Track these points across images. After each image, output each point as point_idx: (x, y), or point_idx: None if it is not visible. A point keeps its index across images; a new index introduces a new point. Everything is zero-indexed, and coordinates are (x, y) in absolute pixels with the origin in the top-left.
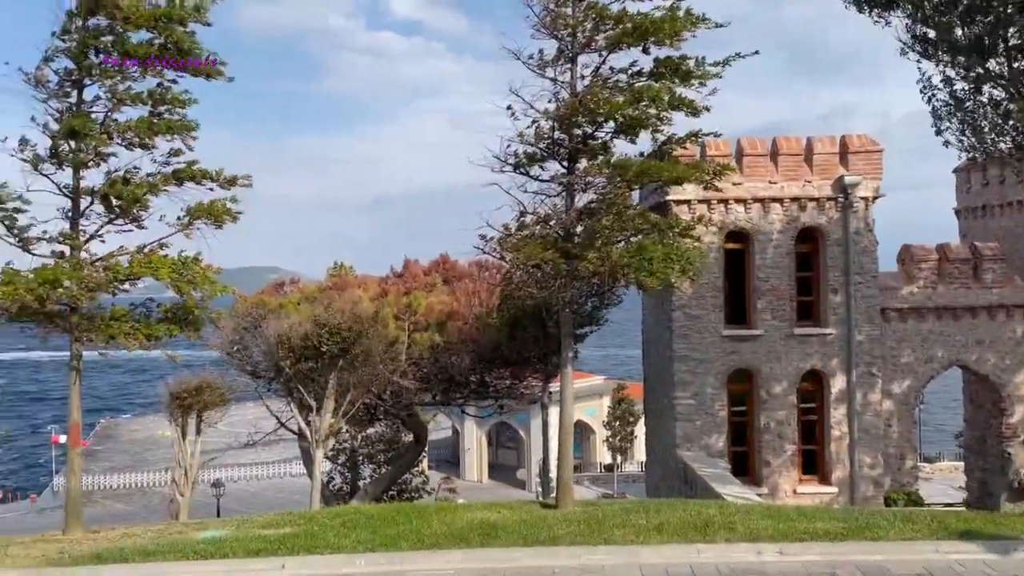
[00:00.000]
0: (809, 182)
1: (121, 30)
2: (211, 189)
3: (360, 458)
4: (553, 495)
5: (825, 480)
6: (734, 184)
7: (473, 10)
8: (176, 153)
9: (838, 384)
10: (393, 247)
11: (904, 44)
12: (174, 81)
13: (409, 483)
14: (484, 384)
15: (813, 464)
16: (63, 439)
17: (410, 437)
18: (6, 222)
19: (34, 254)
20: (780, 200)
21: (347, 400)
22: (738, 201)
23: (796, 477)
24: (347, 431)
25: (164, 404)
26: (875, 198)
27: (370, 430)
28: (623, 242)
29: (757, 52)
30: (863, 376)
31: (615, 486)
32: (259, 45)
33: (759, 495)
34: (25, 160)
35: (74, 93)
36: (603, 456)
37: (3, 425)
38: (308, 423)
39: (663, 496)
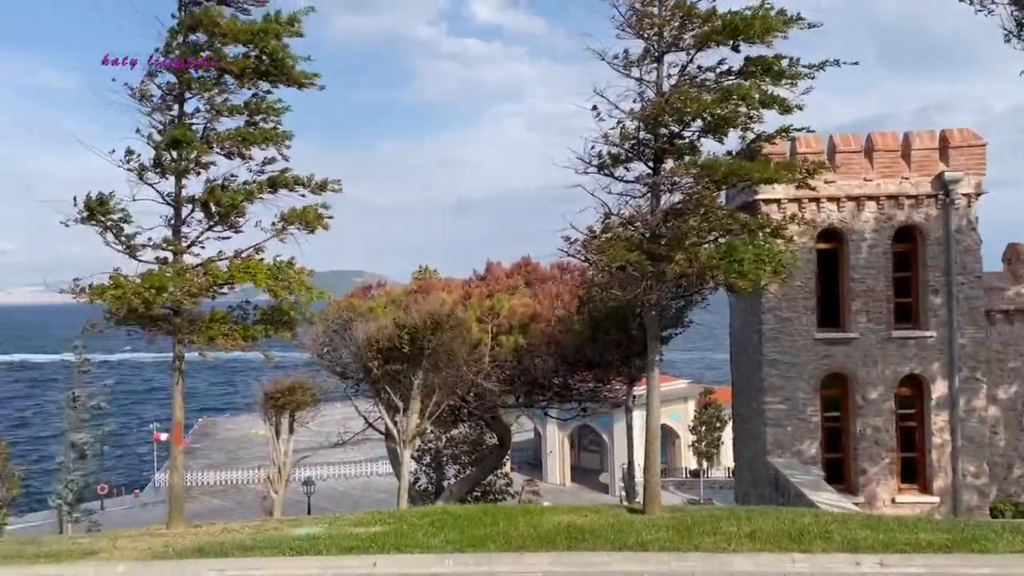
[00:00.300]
0: (906, 179)
1: (219, 45)
2: (303, 195)
3: (445, 459)
4: (638, 499)
5: (926, 489)
6: (826, 182)
7: (551, 12)
8: (270, 161)
9: (939, 389)
10: (475, 250)
11: (1009, 32)
12: (268, 91)
13: (493, 484)
14: (567, 387)
15: (912, 473)
16: (164, 436)
17: (494, 439)
18: (114, 230)
19: (140, 260)
20: (875, 198)
21: (432, 401)
22: (830, 199)
23: (895, 486)
24: (432, 432)
25: (259, 404)
26: (978, 195)
27: (454, 431)
28: (711, 243)
29: (856, 63)
30: (966, 381)
31: (701, 492)
32: (347, 54)
33: (855, 504)
34: (131, 170)
35: (175, 106)
36: (688, 461)
37: (109, 423)
38: (395, 424)
39: (753, 503)
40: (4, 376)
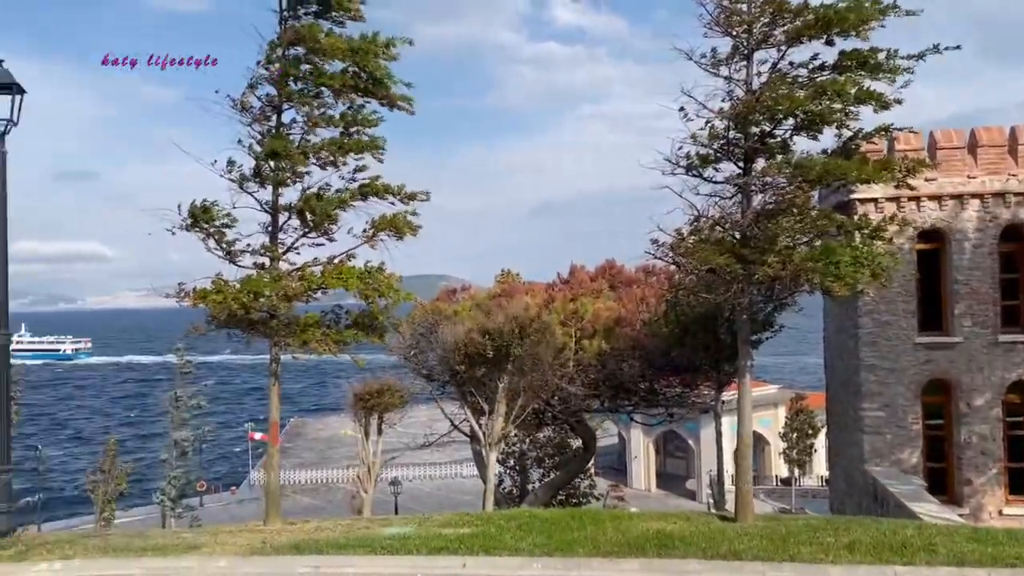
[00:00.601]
0: (1014, 175)
1: (318, 60)
2: (392, 203)
3: (529, 462)
4: (728, 507)
5: None
6: (926, 180)
7: (633, 13)
8: (362, 169)
9: None
10: (557, 253)
11: None
12: (362, 105)
13: (577, 488)
14: (653, 391)
15: (1022, 483)
16: (258, 436)
17: (578, 442)
18: (215, 236)
19: (239, 266)
20: (980, 196)
21: (518, 404)
22: (931, 198)
23: (1002, 497)
24: (516, 435)
25: (348, 405)
26: None
27: (539, 434)
28: (805, 245)
29: (959, 47)
30: None
31: (792, 500)
32: (426, 63)
33: (960, 516)
34: (232, 180)
35: (274, 116)
36: (779, 469)
37: (209, 423)
38: (480, 426)
39: (848, 513)
40: (113, 377)
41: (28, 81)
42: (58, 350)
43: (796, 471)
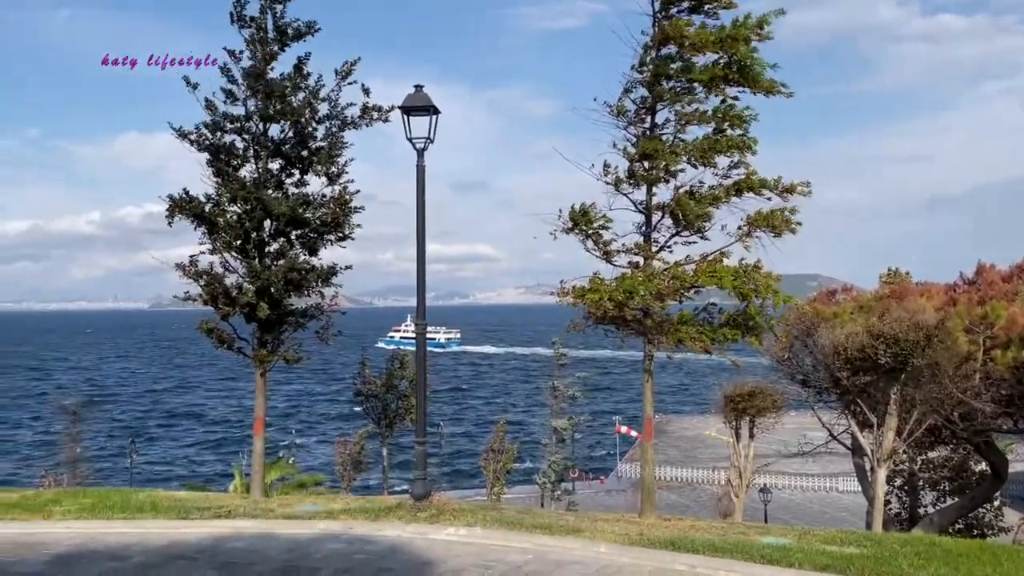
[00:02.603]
0: None
1: (688, 56)
2: (768, 199)
3: (920, 483)
4: None
5: None
6: None
7: None
8: (735, 165)
9: None
10: (953, 251)
11: None
12: (735, 98)
13: (980, 518)
14: None
15: None
16: (624, 430)
17: (982, 466)
18: (593, 237)
19: (614, 265)
20: None
21: (913, 419)
22: None
23: None
24: (905, 452)
25: (718, 406)
26: None
27: (931, 454)
28: None
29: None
30: None
31: None
32: (791, 51)
33: None
34: (608, 183)
35: (648, 118)
36: None
37: (582, 413)
38: (865, 439)
39: None
40: (500, 365)
41: (436, 104)
42: (434, 338)
43: None
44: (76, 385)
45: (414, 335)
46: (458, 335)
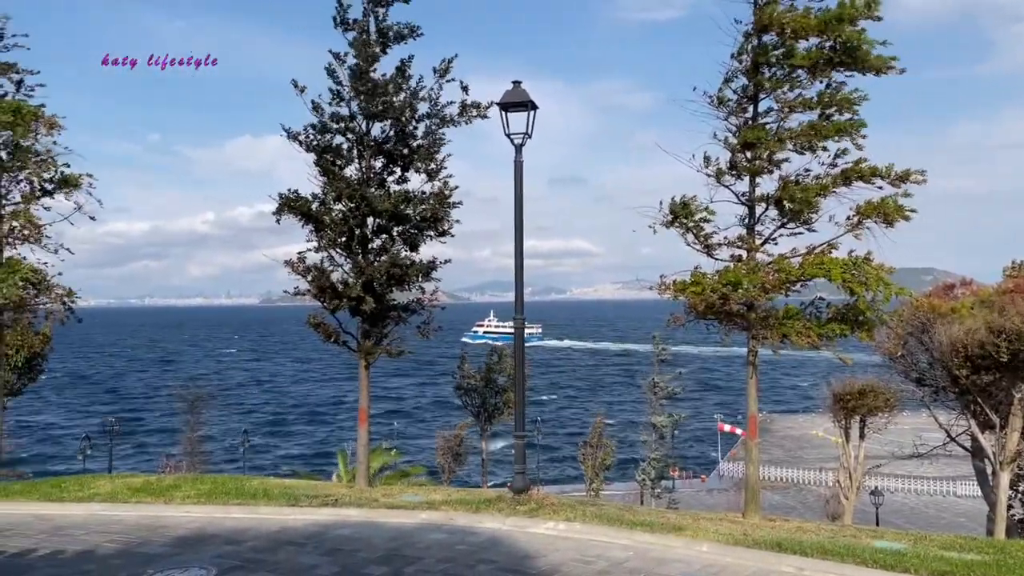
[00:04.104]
0: None
1: (789, 42)
2: (880, 187)
3: None
4: None
5: None
6: None
7: None
8: (843, 152)
9: None
10: None
11: None
12: (842, 82)
13: None
14: None
15: None
16: (727, 428)
17: None
18: (694, 230)
19: (716, 258)
20: None
21: None
22: None
23: None
24: None
25: (826, 405)
26: None
27: None
28: None
29: None
30: None
31: None
32: (908, 33)
33: None
34: (709, 174)
35: (749, 107)
36: None
37: (683, 410)
38: (987, 441)
39: None
40: (599, 361)
41: (532, 99)
42: (510, 333)
43: None
44: (203, 376)
45: (497, 330)
46: (539, 330)
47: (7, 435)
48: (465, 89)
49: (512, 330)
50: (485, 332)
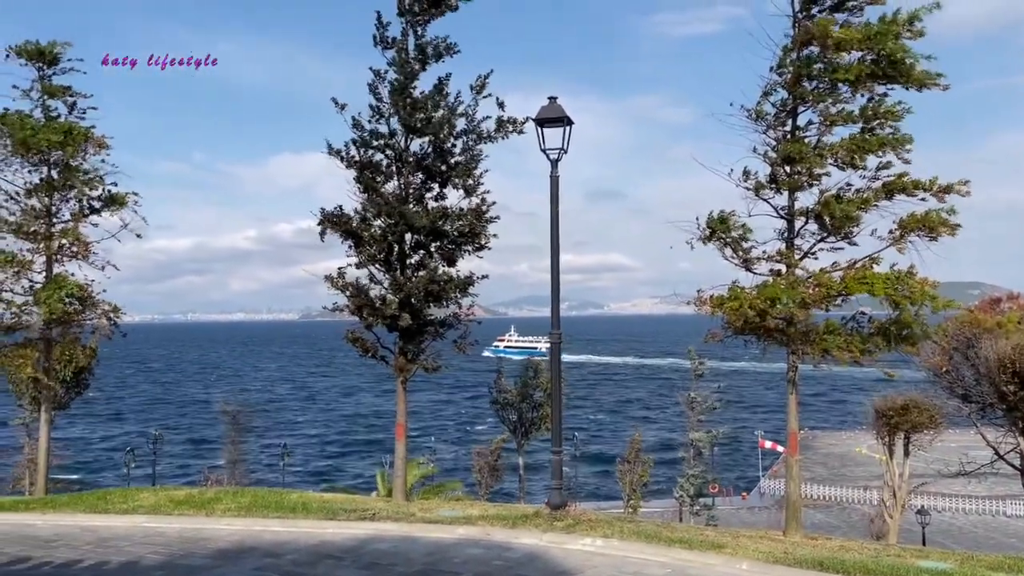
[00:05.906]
0: None
1: (831, 55)
2: (923, 199)
3: None
4: None
5: None
6: None
7: None
8: (885, 166)
9: None
10: None
11: None
12: (884, 95)
13: None
14: None
15: None
16: (768, 444)
17: None
18: (732, 245)
19: (755, 273)
20: None
21: None
22: None
23: None
24: None
25: (870, 421)
26: None
27: None
28: None
29: None
30: None
31: None
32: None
33: None
34: (747, 188)
35: (789, 121)
36: None
37: (722, 426)
38: None
39: None
40: (630, 374)
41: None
42: (535, 348)
43: None
44: (247, 390)
45: (518, 344)
46: (546, 345)
47: (54, 447)
48: (501, 105)
49: (532, 345)
50: (506, 347)
